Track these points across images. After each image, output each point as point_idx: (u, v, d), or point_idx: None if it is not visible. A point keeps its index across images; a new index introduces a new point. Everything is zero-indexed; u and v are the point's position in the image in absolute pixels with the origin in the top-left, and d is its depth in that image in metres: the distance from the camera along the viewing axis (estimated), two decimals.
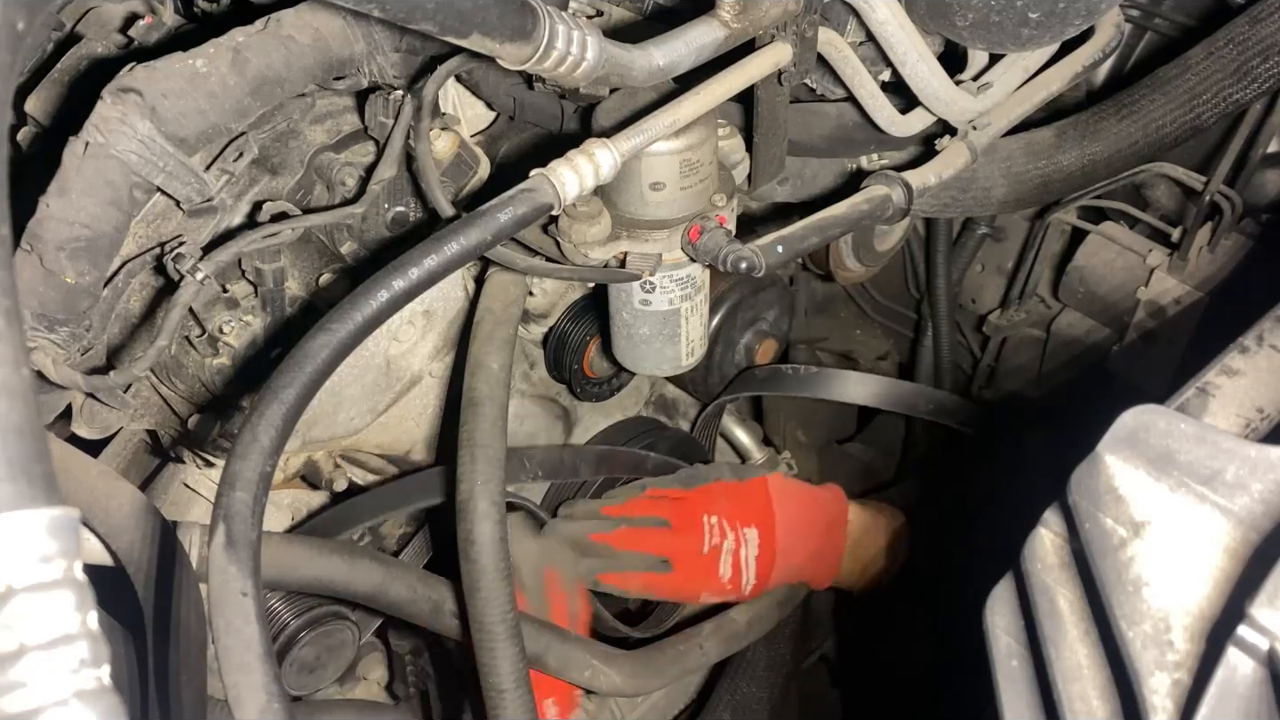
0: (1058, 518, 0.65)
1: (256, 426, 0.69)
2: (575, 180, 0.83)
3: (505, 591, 1.01)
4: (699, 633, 1.43)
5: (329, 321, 0.73)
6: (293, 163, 1.07)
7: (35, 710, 0.39)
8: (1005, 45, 1.07)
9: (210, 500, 1.05)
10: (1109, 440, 0.61)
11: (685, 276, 1.05)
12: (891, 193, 1.05)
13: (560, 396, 1.35)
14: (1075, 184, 1.31)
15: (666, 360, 1.12)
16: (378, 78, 1.05)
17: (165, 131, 0.89)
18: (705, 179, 1.01)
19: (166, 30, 1.11)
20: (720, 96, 0.91)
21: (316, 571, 1.05)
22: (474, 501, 1.00)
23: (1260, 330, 0.71)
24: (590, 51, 0.80)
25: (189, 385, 1.12)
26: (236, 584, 0.64)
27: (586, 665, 1.23)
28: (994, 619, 0.69)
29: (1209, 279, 1.50)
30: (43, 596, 0.40)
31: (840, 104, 1.15)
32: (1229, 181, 1.45)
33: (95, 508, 0.84)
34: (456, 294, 1.20)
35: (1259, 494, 0.56)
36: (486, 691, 1.01)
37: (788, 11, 0.93)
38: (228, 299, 1.07)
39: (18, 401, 0.41)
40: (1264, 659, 0.51)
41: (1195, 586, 0.57)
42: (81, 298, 0.90)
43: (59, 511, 0.41)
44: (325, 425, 1.15)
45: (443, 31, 0.72)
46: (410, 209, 1.11)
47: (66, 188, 0.87)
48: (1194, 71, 1.22)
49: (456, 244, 0.78)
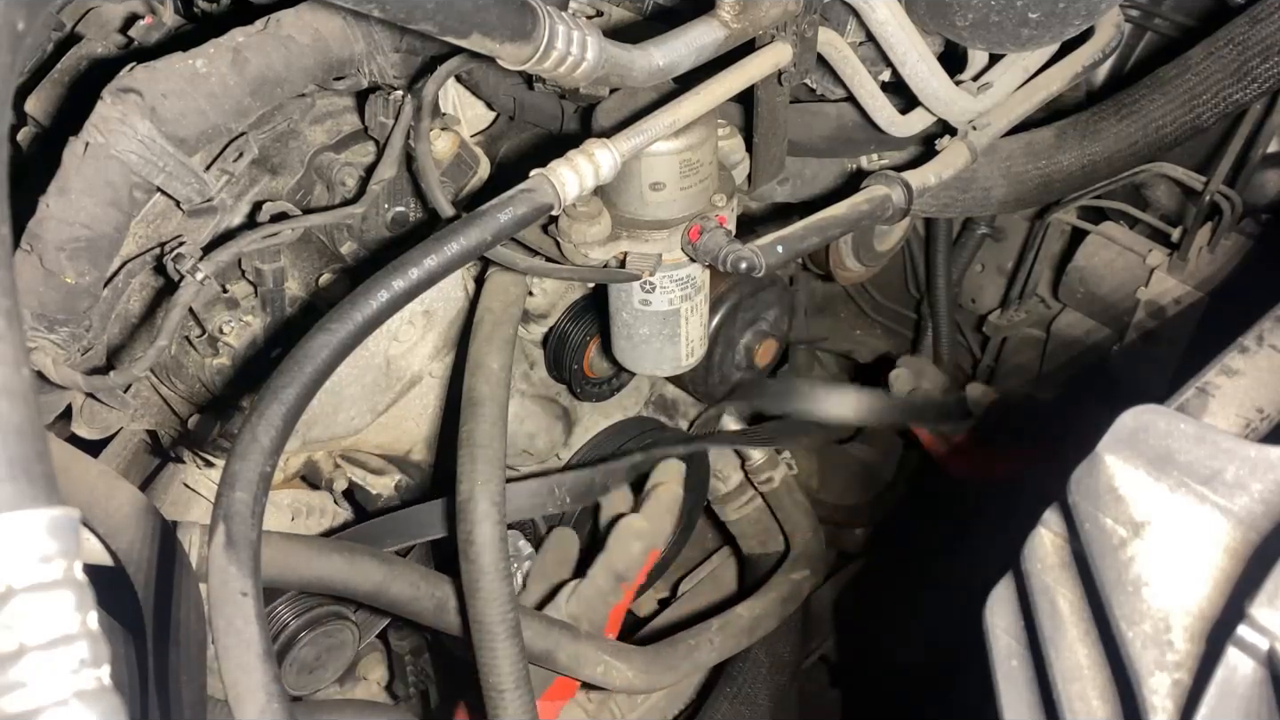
0: (1058, 518, 0.65)
1: (256, 426, 0.69)
2: (575, 180, 0.83)
3: (505, 591, 1.01)
4: (708, 628, 1.43)
5: (329, 321, 0.73)
6: (293, 163, 1.07)
7: (35, 710, 0.39)
8: (1005, 45, 1.07)
9: (210, 500, 1.05)
10: (1109, 440, 0.61)
11: (685, 276, 1.05)
12: (891, 193, 1.05)
13: (560, 396, 1.35)
14: (1075, 184, 1.31)
15: (666, 360, 1.12)
16: (378, 78, 1.05)
17: (165, 131, 0.89)
18: (705, 179, 1.01)
19: (166, 30, 1.11)
20: (720, 96, 0.91)
21: (317, 571, 1.05)
22: (474, 502, 1.00)
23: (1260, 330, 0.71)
24: (590, 52, 0.80)
25: (189, 385, 1.12)
26: (236, 584, 0.64)
27: (599, 661, 1.23)
28: (994, 619, 0.69)
29: (1209, 279, 1.50)
30: (43, 596, 0.40)
31: (840, 104, 1.15)
32: (1229, 181, 1.45)
33: (95, 508, 0.84)
34: (456, 294, 1.20)
35: (1259, 494, 0.56)
36: (486, 691, 1.01)
37: (788, 11, 0.93)
38: (228, 299, 1.07)
39: (18, 401, 0.41)
40: (1264, 659, 0.51)
41: (1195, 586, 0.57)
42: (81, 298, 0.90)
43: (59, 511, 0.41)
44: (325, 425, 1.15)
45: (443, 31, 0.72)
46: (410, 209, 1.11)
47: (66, 188, 0.87)
48: (1194, 72, 1.22)
49: (456, 244, 0.78)
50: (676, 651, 1.36)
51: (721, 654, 1.44)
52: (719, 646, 1.41)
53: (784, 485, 1.64)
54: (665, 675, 1.33)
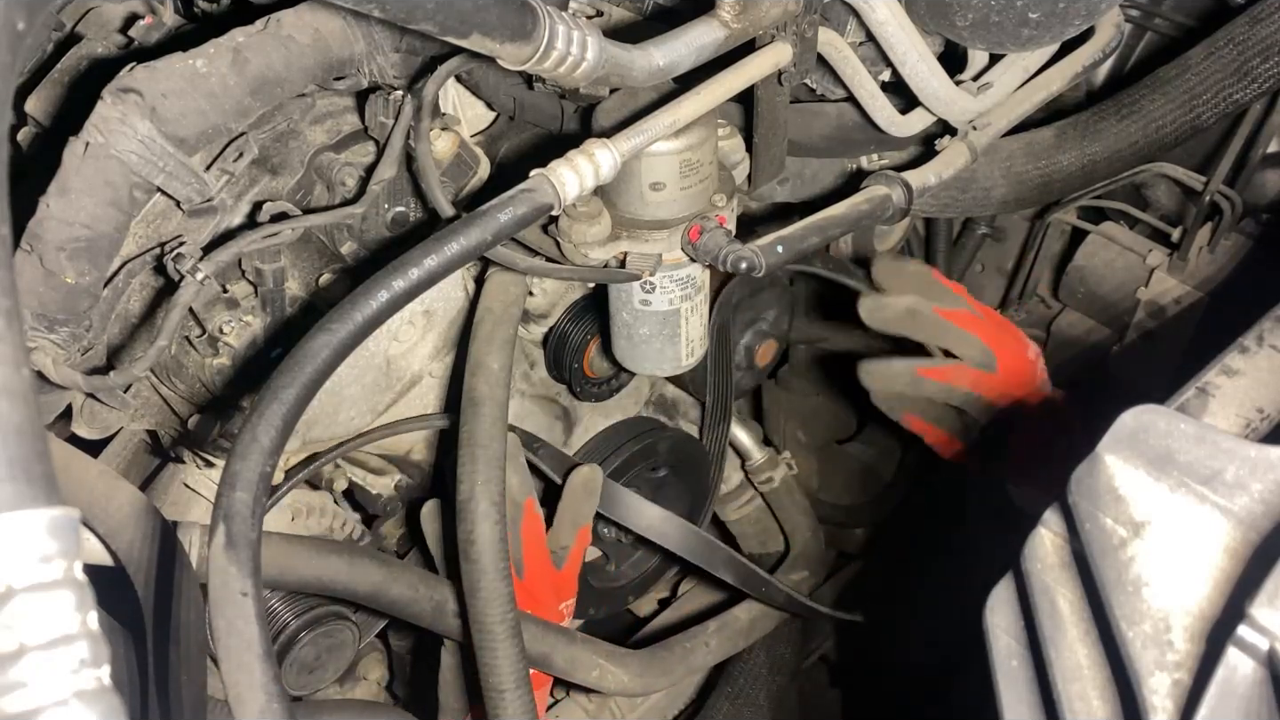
0: (1058, 518, 0.65)
1: (256, 426, 0.69)
2: (575, 180, 0.83)
3: (505, 591, 1.01)
4: (704, 630, 1.43)
5: (329, 321, 0.73)
6: (293, 163, 1.07)
7: (35, 710, 0.39)
8: (1005, 45, 1.07)
9: (210, 500, 1.05)
10: (1109, 440, 0.61)
11: (685, 276, 1.05)
12: (891, 193, 1.05)
13: (560, 396, 1.35)
14: (1075, 184, 1.31)
15: (666, 360, 1.12)
16: (378, 78, 1.05)
17: (165, 131, 0.89)
18: (705, 179, 1.01)
19: (166, 30, 1.11)
20: (720, 96, 0.91)
21: (316, 571, 1.05)
22: (474, 501, 1.00)
23: (1260, 330, 0.71)
24: (590, 52, 0.80)
25: (189, 385, 1.12)
26: (236, 584, 0.64)
27: (594, 665, 1.23)
28: (994, 619, 0.69)
29: (1209, 279, 1.50)
30: (43, 596, 0.40)
31: (840, 104, 1.15)
32: (1229, 181, 1.45)
33: (95, 508, 0.84)
34: (456, 294, 1.20)
35: (1259, 494, 0.56)
36: (486, 691, 1.01)
37: (788, 11, 0.93)
38: (228, 299, 1.07)
39: (18, 401, 0.41)
40: (1264, 659, 0.51)
41: (1195, 586, 0.56)
42: (81, 298, 0.90)
43: (59, 511, 0.41)
44: (325, 425, 1.15)
45: (443, 31, 0.72)
46: (410, 209, 1.11)
47: (66, 188, 0.87)
48: (1194, 72, 1.22)
49: (456, 244, 0.78)
50: (672, 655, 1.36)
51: (718, 656, 1.44)
52: (715, 649, 1.41)
53: (784, 485, 1.64)
54: (660, 679, 1.33)
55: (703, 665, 1.43)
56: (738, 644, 1.46)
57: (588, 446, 1.39)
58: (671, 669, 1.34)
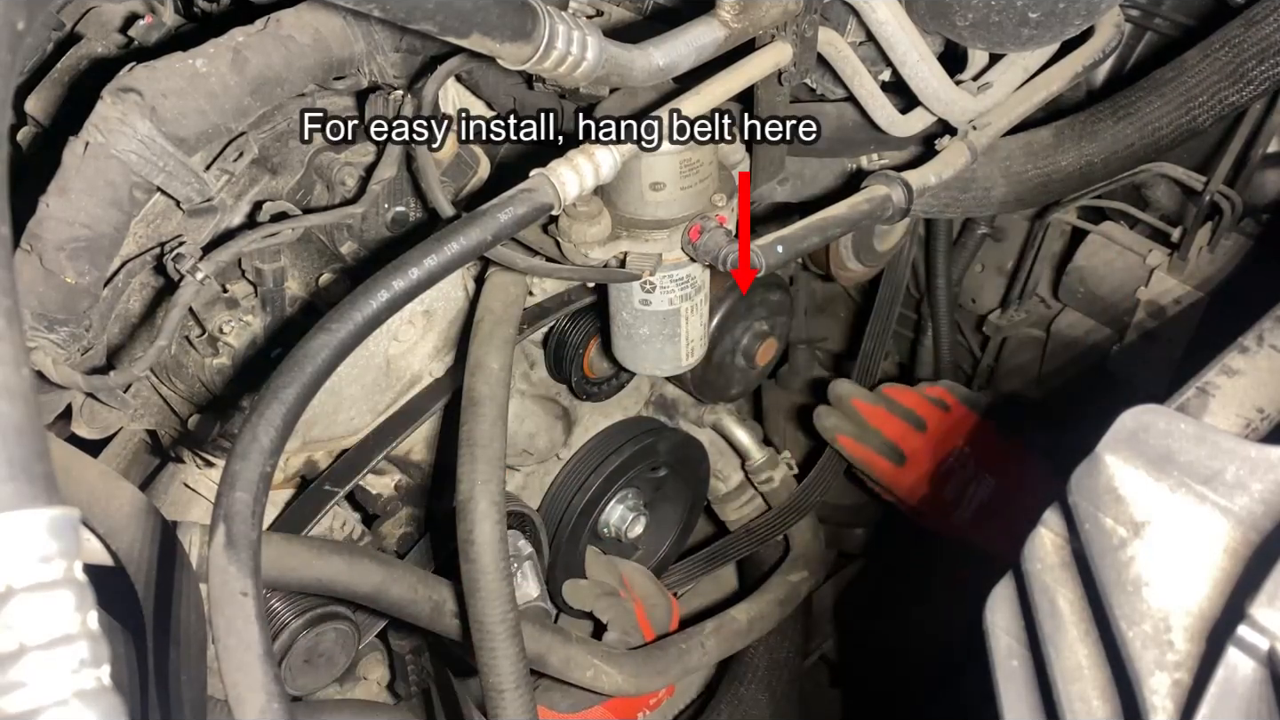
0: (1058, 518, 0.65)
1: (256, 426, 0.69)
2: (575, 180, 0.83)
3: (505, 591, 1.00)
4: (701, 631, 1.43)
5: (329, 321, 0.73)
6: (293, 163, 1.07)
7: (35, 710, 0.39)
8: (1005, 45, 1.07)
9: (210, 500, 1.05)
10: (1109, 440, 0.61)
11: (685, 276, 1.05)
12: (891, 193, 1.05)
13: (560, 396, 1.35)
14: (1074, 184, 1.31)
15: (666, 360, 1.12)
16: (378, 78, 1.05)
17: (165, 131, 0.89)
18: (705, 179, 1.01)
19: (166, 30, 1.12)
20: (720, 96, 0.91)
21: (316, 571, 1.05)
22: (474, 501, 1.00)
23: (1260, 330, 0.71)
24: (590, 51, 0.80)
25: (189, 385, 1.12)
26: (236, 584, 0.64)
27: (589, 665, 1.23)
28: (994, 619, 0.69)
29: (1209, 279, 1.50)
30: (43, 596, 0.40)
31: (840, 104, 1.15)
32: (1229, 181, 1.45)
33: (95, 508, 0.84)
34: (456, 294, 1.20)
35: (1259, 494, 0.56)
36: (487, 692, 1.01)
37: (788, 11, 0.93)
38: (228, 299, 1.07)
39: (18, 401, 0.41)
40: (1264, 659, 0.51)
41: (1195, 586, 0.56)
42: (81, 298, 0.90)
43: (59, 511, 0.41)
44: (325, 425, 1.15)
45: (443, 31, 0.72)
46: (410, 209, 1.11)
47: (66, 188, 0.87)
48: (1190, 74, 1.22)
49: (456, 244, 0.78)
50: (667, 655, 1.35)
51: (714, 657, 1.43)
52: (711, 650, 1.41)
53: (784, 485, 1.64)
54: (655, 680, 1.33)
55: (698, 666, 1.43)
56: (735, 644, 1.45)
57: (588, 446, 1.39)
58: (667, 669, 1.34)
